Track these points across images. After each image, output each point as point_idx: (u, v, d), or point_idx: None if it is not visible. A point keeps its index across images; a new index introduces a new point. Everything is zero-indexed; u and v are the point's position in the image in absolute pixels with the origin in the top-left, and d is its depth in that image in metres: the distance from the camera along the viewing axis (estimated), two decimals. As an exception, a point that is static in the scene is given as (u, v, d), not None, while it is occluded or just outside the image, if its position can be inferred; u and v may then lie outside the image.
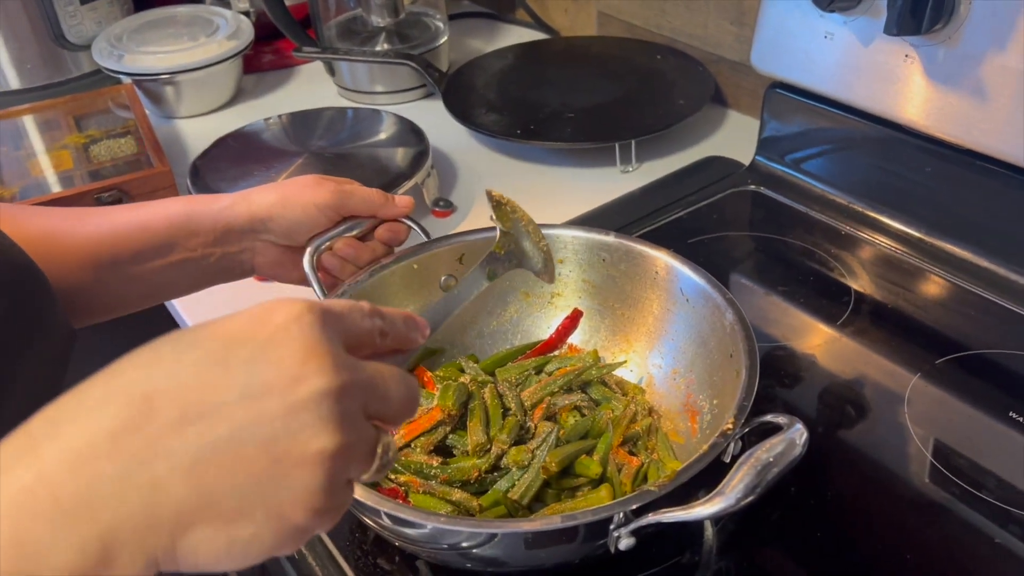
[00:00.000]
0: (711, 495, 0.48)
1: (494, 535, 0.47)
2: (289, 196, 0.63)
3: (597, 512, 0.48)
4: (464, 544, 0.49)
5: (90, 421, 0.31)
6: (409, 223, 0.69)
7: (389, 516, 0.49)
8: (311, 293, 0.66)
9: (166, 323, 0.88)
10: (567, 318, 0.72)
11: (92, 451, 0.30)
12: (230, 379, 0.32)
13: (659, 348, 0.69)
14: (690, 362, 0.67)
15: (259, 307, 0.34)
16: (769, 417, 0.53)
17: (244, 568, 0.33)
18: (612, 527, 0.48)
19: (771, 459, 0.48)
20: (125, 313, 0.64)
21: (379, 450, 0.36)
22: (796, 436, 0.49)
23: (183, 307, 0.85)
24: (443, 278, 0.71)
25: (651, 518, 0.48)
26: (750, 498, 0.47)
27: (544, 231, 0.67)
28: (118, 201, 0.92)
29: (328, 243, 0.65)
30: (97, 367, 0.33)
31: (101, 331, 0.64)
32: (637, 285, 0.70)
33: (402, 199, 0.68)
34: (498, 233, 0.64)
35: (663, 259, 0.68)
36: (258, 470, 0.31)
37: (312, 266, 0.64)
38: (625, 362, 0.70)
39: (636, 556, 0.56)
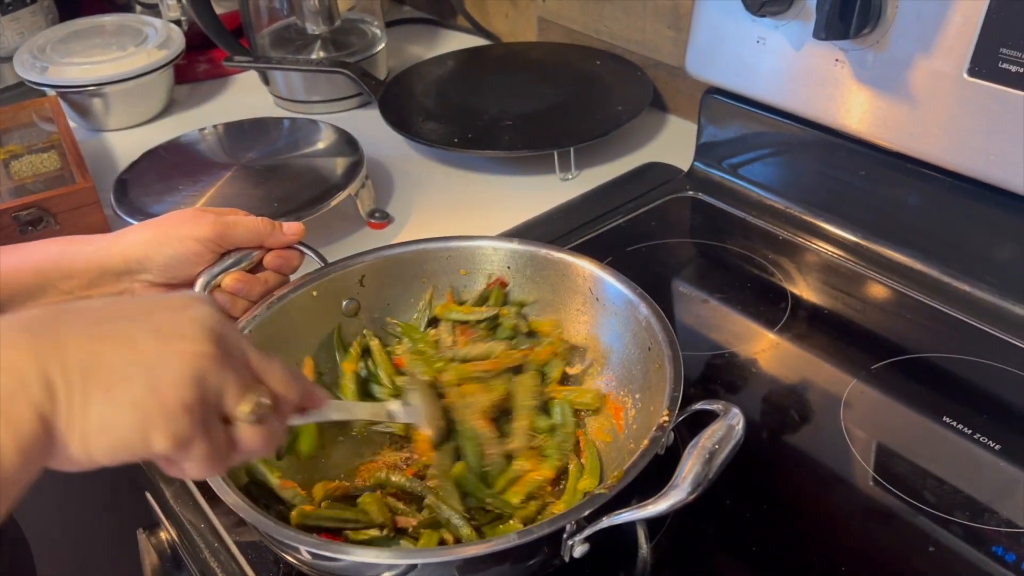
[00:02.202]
0: (664, 490, 0.47)
1: (414, 566, 0.45)
2: (165, 232, 0.61)
3: (553, 523, 0.47)
4: (386, 576, 0.47)
5: (18, 314, 0.39)
6: (302, 249, 0.67)
7: (308, 551, 0.47)
8: None
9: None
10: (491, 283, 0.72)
11: (17, 321, 0.38)
12: (137, 302, 0.42)
13: (574, 348, 0.69)
14: (606, 359, 0.66)
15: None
16: (702, 405, 0.54)
17: (126, 453, 0.39)
18: (565, 536, 0.48)
19: (716, 446, 0.48)
20: None
21: (255, 397, 0.43)
22: (734, 421, 0.50)
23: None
24: (345, 303, 0.69)
25: (605, 522, 0.48)
26: (701, 488, 0.47)
27: (436, 243, 0.70)
28: (38, 220, 0.89)
29: (218, 279, 0.63)
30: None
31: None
32: (543, 288, 0.70)
33: (291, 226, 0.66)
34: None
35: (570, 261, 0.68)
36: (144, 351, 0.39)
37: None
38: (536, 301, 0.71)
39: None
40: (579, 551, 0.48)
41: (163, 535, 0.65)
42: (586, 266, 0.66)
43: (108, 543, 0.95)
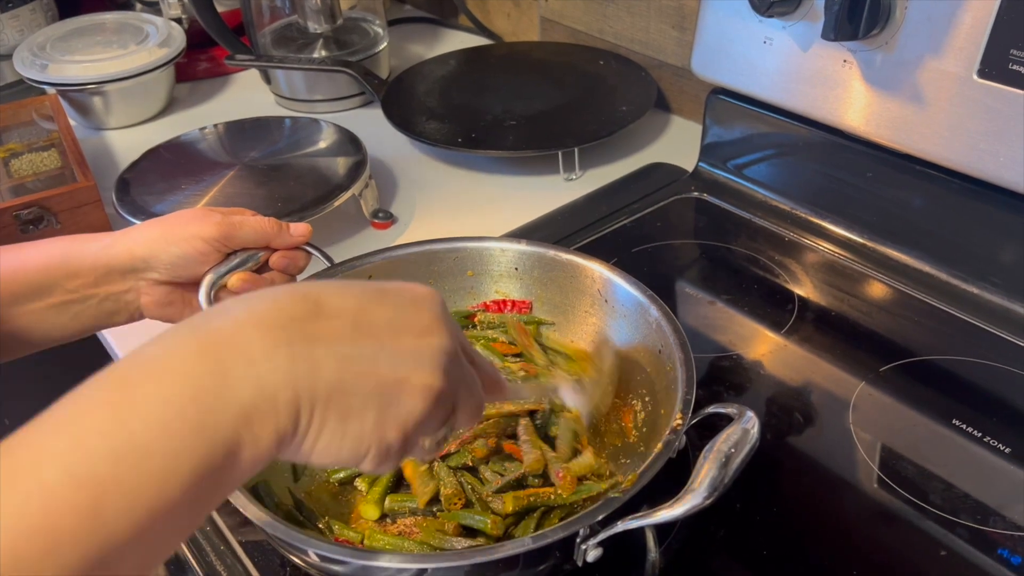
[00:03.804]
0: (680, 494, 0.47)
1: (423, 570, 0.45)
2: (171, 230, 0.61)
3: (567, 527, 0.47)
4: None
5: (268, 304, 0.39)
6: (310, 249, 0.67)
7: (316, 554, 0.46)
8: None
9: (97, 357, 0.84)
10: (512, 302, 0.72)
11: (273, 321, 0.38)
12: (383, 310, 0.41)
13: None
14: (615, 361, 0.66)
15: (402, 283, 0.44)
16: (714, 408, 0.53)
17: (336, 467, 0.43)
18: (579, 540, 0.47)
19: (732, 450, 0.48)
20: (14, 358, 0.60)
21: (445, 432, 0.44)
22: (749, 425, 0.49)
23: (115, 339, 0.81)
24: None
25: (619, 526, 0.47)
26: (717, 492, 0.47)
27: (444, 244, 0.70)
28: (39, 219, 0.88)
29: (225, 279, 0.62)
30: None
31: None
32: (551, 290, 0.69)
33: (298, 227, 0.65)
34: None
35: (579, 262, 0.67)
36: (384, 383, 0.39)
37: (209, 302, 0.61)
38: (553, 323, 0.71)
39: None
40: (592, 555, 0.48)
41: (167, 537, 0.65)
42: (595, 268, 0.66)
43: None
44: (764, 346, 0.75)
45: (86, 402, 0.34)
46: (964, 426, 0.65)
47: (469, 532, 0.56)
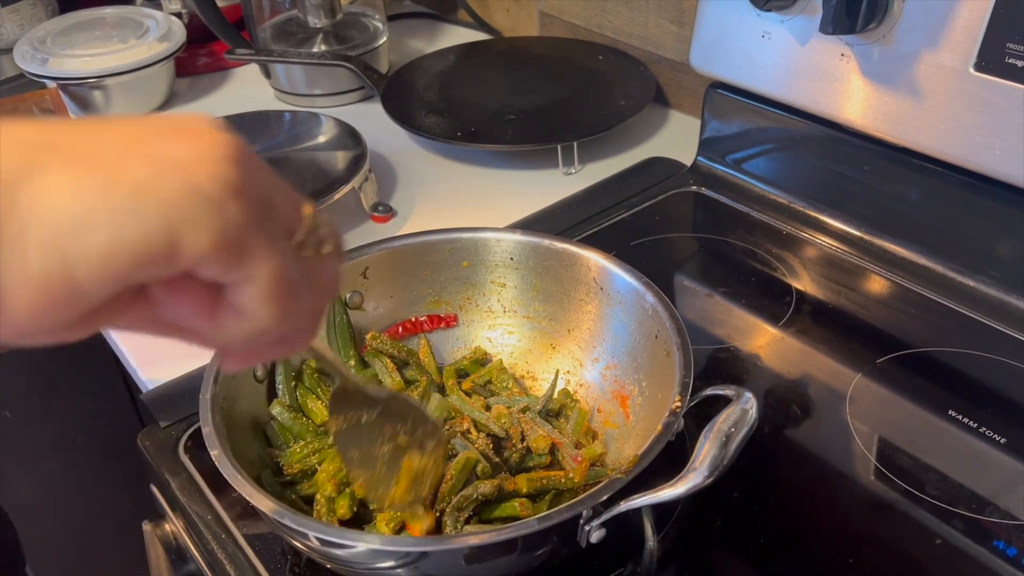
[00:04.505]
0: (682, 473, 0.47)
1: (424, 553, 0.45)
2: None
3: (571, 509, 0.47)
4: (398, 563, 0.47)
5: None
6: None
7: (318, 538, 0.47)
8: None
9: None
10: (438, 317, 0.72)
11: None
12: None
13: (578, 339, 0.69)
14: (611, 349, 0.66)
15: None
16: (712, 390, 0.54)
17: (135, 256, 0.25)
18: (582, 522, 0.48)
19: (732, 430, 0.48)
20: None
21: (306, 211, 0.31)
22: (747, 406, 0.50)
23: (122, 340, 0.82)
24: (348, 295, 0.69)
25: (623, 506, 0.48)
26: (718, 472, 0.47)
27: (439, 235, 0.69)
28: (40, 211, 0.88)
29: None
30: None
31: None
32: (547, 279, 0.69)
33: None
34: None
35: (574, 251, 0.68)
36: (137, 131, 0.27)
37: None
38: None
39: (573, 570, 0.55)
40: (596, 536, 0.48)
41: (168, 527, 0.65)
42: (591, 256, 0.66)
43: (113, 536, 0.95)
44: (762, 339, 0.75)
45: None
46: (960, 417, 0.66)
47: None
